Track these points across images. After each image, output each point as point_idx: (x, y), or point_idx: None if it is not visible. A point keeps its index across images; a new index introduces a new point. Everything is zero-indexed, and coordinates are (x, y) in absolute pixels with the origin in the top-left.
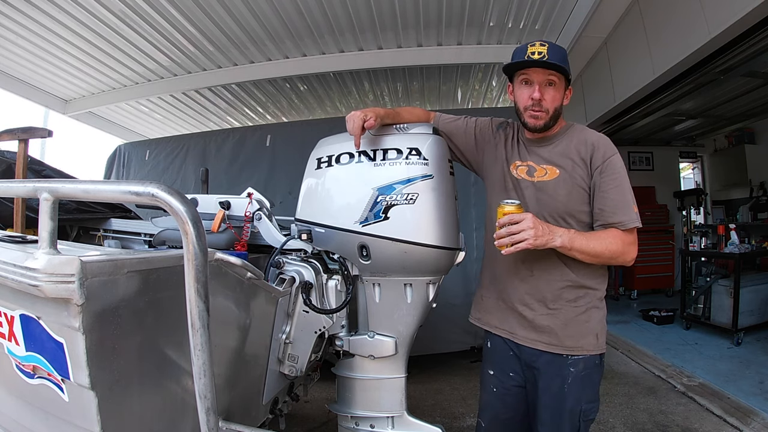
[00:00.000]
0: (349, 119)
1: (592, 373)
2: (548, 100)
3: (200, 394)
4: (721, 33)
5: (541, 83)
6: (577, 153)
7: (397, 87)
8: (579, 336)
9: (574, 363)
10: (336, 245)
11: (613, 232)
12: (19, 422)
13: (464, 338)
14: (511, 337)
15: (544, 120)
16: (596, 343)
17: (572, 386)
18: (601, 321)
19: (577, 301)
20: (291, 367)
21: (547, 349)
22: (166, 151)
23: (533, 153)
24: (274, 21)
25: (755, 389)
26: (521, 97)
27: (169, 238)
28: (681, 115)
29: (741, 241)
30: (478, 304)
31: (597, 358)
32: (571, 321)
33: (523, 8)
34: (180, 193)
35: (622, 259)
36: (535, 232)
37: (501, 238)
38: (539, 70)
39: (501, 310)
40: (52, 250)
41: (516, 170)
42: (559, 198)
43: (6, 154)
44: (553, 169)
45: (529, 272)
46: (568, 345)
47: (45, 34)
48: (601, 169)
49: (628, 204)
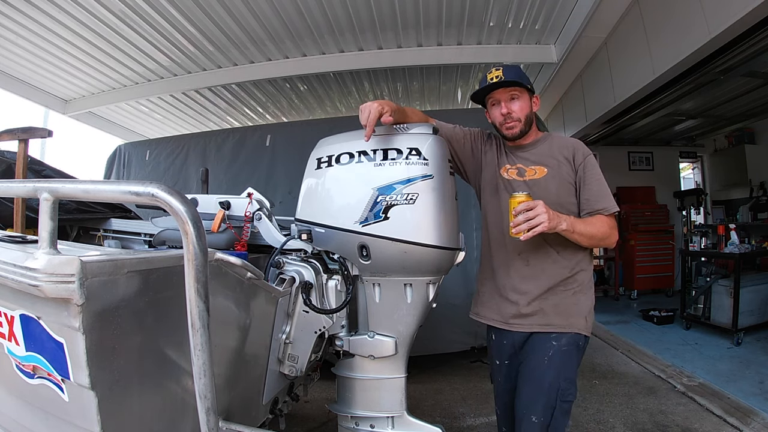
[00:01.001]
0: (364, 109)
1: (572, 350)
2: (516, 111)
3: (200, 394)
4: (721, 33)
5: (506, 100)
6: (560, 153)
7: (397, 87)
8: (568, 315)
9: (557, 337)
10: (336, 245)
11: (600, 217)
12: (19, 422)
13: (464, 338)
14: (505, 325)
15: (519, 128)
16: (585, 325)
17: (553, 359)
18: (589, 308)
19: (568, 286)
20: (291, 367)
21: (536, 329)
22: (167, 151)
23: (519, 157)
24: (274, 21)
25: (755, 389)
26: (495, 116)
27: (169, 238)
28: (681, 115)
29: (741, 241)
30: (476, 300)
31: (582, 339)
32: (562, 302)
33: (523, 8)
34: (180, 193)
35: (609, 241)
36: (548, 215)
37: (518, 225)
38: (502, 90)
39: (496, 302)
40: (52, 250)
41: (506, 173)
42: (551, 192)
43: (6, 154)
44: (541, 169)
45: (524, 263)
46: (556, 323)
47: (45, 34)
48: (584, 165)
49: (607, 194)
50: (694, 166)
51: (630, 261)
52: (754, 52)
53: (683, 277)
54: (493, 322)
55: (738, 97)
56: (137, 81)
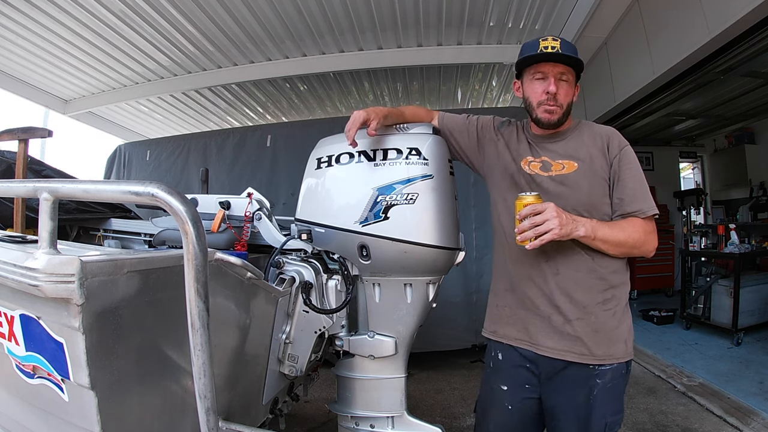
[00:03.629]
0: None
1: (618, 383)
2: (562, 95)
3: (200, 394)
4: (721, 33)
5: (555, 77)
6: (593, 145)
7: (397, 87)
8: (609, 343)
9: (601, 374)
10: (336, 245)
11: (634, 220)
12: (19, 422)
13: (465, 336)
14: (533, 348)
15: (558, 115)
16: (625, 350)
17: (598, 398)
18: (629, 326)
19: (607, 304)
20: (291, 367)
21: (575, 359)
22: (167, 151)
23: (545, 149)
24: (274, 21)
25: (755, 389)
26: (534, 92)
27: (169, 238)
28: (681, 115)
29: (741, 241)
30: (493, 315)
31: (624, 366)
32: (602, 327)
33: (523, 8)
34: (180, 193)
35: (644, 249)
36: (559, 221)
37: (524, 232)
38: (551, 64)
39: (521, 319)
40: (52, 250)
41: (528, 166)
42: (582, 190)
43: (6, 154)
44: (570, 163)
45: (554, 272)
46: (597, 354)
47: (45, 34)
48: (619, 158)
49: (646, 192)
50: (694, 166)
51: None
52: (754, 52)
53: (683, 277)
54: (518, 342)
55: (738, 97)
56: (137, 81)
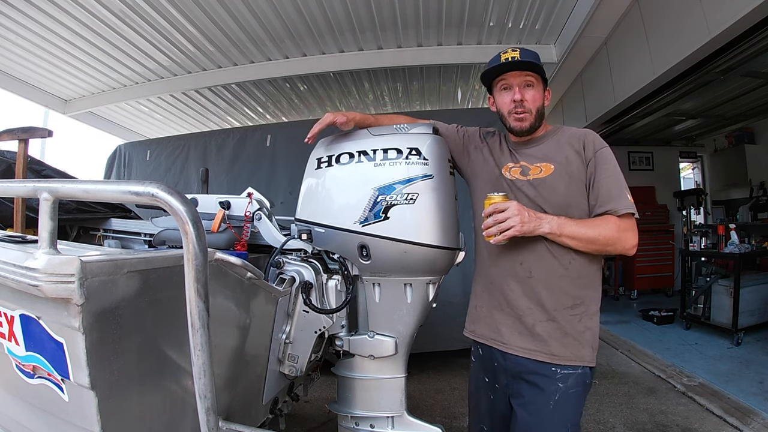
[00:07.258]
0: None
1: (580, 391)
2: (529, 100)
3: (200, 394)
4: (721, 33)
5: (520, 85)
6: (569, 147)
7: (397, 87)
8: (576, 346)
9: (564, 378)
10: (336, 245)
11: (607, 218)
12: (19, 422)
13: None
14: (502, 347)
15: (530, 121)
16: (591, 356)
17: (558, 403)
18: (595, 334)
19: (575, 309)
20: (291, 367)
21: (541, 358)
22: (167, 151)
23: (523, 154)
24: (274, 21)
25: (755, 389)
26: (503, 102)
27: (169, 238)
28: (681, 115)
29: (741, 241)
30: (472, 315)
31: (588, 374)
32: (570, 331)
33: (523, 8)
34: (180, 193)
35: (620, 246)
36: (521, 218)
37: (488, 228)
38: (515, 73)
39: (494, 318)
40: (52, 250)
41: (509, 172)
42: (559, 192)
43: (6, 154)
44: (547, 166)
45: (527, 273)
46: (562, 354)
47: (45, 34)
48: (595, 160)
49: (621, 191)
50: (694, 166)
51: (630, 261)
52: (754, 52)
53: (683, 277)
54: (491, 342)
55: (738, 97)
56: (137, 81)
